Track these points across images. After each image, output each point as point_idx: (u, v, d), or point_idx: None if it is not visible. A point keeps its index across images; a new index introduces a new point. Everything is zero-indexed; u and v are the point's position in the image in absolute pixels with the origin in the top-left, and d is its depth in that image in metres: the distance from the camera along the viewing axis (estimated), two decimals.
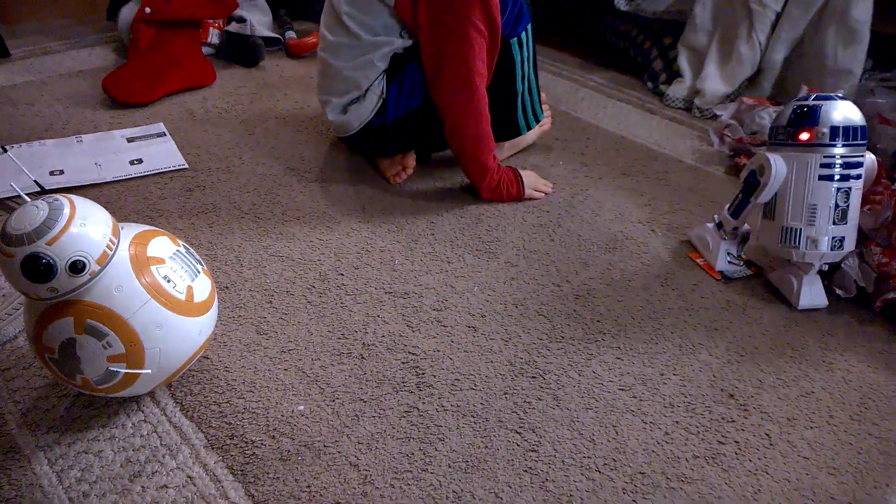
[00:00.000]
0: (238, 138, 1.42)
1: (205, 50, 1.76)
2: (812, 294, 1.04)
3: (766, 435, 0.84)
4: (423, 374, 0.89)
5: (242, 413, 0.81)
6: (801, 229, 0.99)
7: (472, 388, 0.88)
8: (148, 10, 1.64)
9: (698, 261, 1.15)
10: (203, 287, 0.80)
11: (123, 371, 0.72)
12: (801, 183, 0.98)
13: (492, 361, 0.92)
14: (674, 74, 1.76)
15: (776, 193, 1.01)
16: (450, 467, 0.77)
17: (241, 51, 1.76)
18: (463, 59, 1.11)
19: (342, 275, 1.06)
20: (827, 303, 1.04)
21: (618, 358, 0.94)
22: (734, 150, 1.47)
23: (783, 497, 0.77)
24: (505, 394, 0.87)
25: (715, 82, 1.65)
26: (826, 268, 1.05)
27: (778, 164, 0.99)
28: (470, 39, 1.09)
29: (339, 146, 1.42)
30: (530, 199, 1.28)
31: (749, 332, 1.01)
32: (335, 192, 1.26)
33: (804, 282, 1.03)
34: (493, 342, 0.95)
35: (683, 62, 1.72)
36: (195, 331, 0.78)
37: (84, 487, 0.72)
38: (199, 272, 0.80)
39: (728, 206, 1.09)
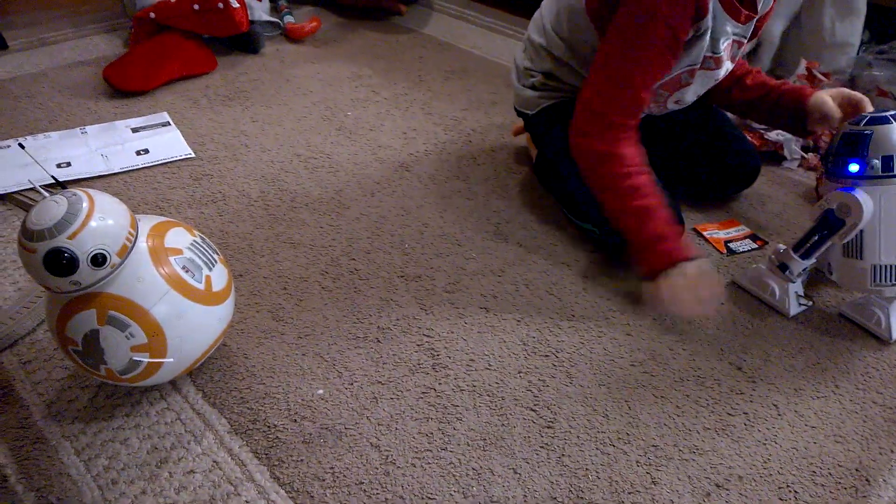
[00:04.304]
0: (242, 125, 1.42)
1: (204, 36, 1.75)
2: None
3: (774, 405, 0.86)
4: (437, 355, 0.91)
5: (263, 398, 0.83)
6: (893, 266, 0.92)
7: (487, 368, 0.89)
8: (152, 15, 1.64)
9: (705, 233, 1.16)
10: (221, 276, 0.81)
11: (146, 360, 0.73)
12: (891, 217, 0.90)
13: (505, 341, 0.94)
14: None
15: (862, 231, 0.92)
16: (468, 445, 0.79)
17: (242, 37, 1.75)
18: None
19: (354, 259, 1.07)
20: None
21: (627, 335, 0.96)
22: (736, 125, 1.47)
23: (792, 465, 0.79)
24: (519, 372, 0.89)
25: None
26: None
27: (867, 203, 0.89)
28: None
29: (344, 131, 1.42)
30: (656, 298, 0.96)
31: (755, 305, 1.02)
32: (343, 178, 1.27)
33: (892, 312, 0.97)
34: (505, 322, 0.97)
35: None
36: (214, 319, 0.79)
37: (112, 475, 0.74)
38: (216, 261, 0.81)
39: (794, 246, 0.98)
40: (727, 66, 1.06)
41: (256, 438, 0.78)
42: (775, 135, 1.36)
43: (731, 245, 1.13)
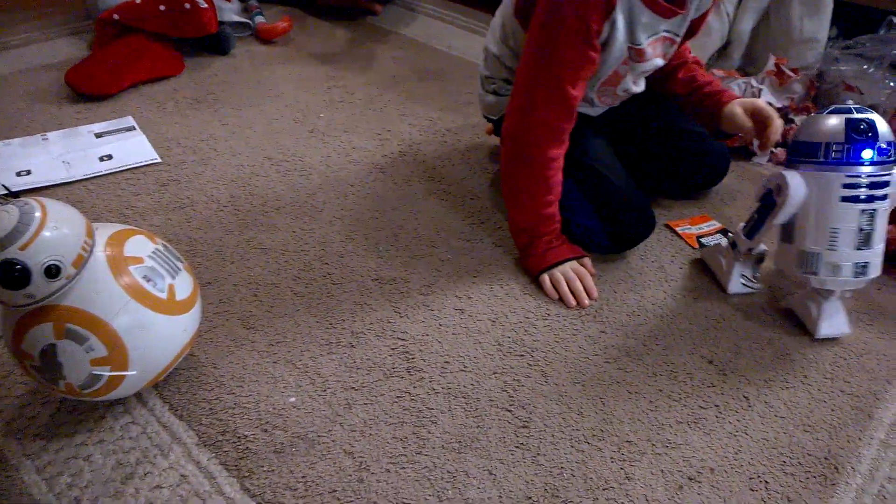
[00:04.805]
0: (211, 129, 1.40)
1: (172, 38, 1.72)
2: (833, 323, 0.96)
3: (745, 397, 0.87)
4: (412, 358, 0.90)
5: (233, 408, 0.82)
6: (820, 254, 0.90)
7: (462, 370, 0.89)
8: (117, 16, 1.60)
9: (678, 229, 1.17)
10: (185, 284, 0.79)
11: (107, 374, 0.71)
12: (823, 204, 0.89)
13: (480, 342, 0.93)
14: None
15: (795, 215, 0.92)
16: (443, 448, 0.78)
17: (210, 38, 1.72)
18: None
19: (327, 264, 1.05)
20: (850, 331, 0.97)
21: (601, 331, 0.96)
22: None
23: (762, 455, 0.80)
24: (494, 373, 0.89)
25: None
26: (849, 295, 0.96)
27: (795, 183, 0.90)
28: None
29: (317, 135, 1.40)
30: (543, 288, 1.02)
31: (725, 299, 1.03)
32: (315, 181, 1.25)
33: (824, 309, 0.95)
34: (480, 323, 0.96)
35: None
36: (179, 329, 0.78)
37: (75, 493, 0.72)
38: (179, 269, 0.79)
39: (743, 224, 1.00)
40: (658, 62, 1.07)
41: (226, 450, 0.77)
42: None
43: (702, 240, 1.14)
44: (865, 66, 1.45)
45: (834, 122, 0.88)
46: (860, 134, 0.86)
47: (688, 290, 1.04)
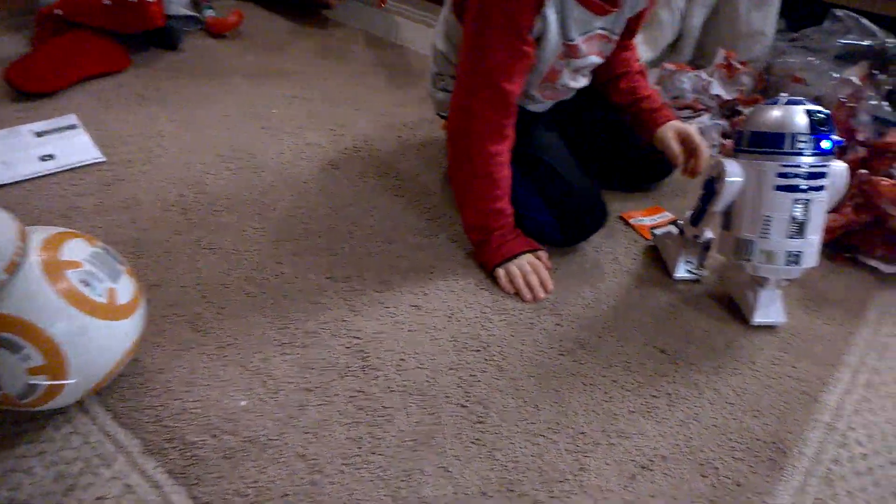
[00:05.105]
0: (158, 126, 1.36)
1: (117, 33, 1.66)
2: (769, 311, 0.98)
3: (695, 385, 0.89)
4: (367, 356, 0.89)
5: (180, 414, 0.79)
6: (754, 241, 0.92)
7: (418, 367, 0.88)
8: (58, 11, 1.53)
9: (631, 221, 1.18)
10: (126, 288, 0.77)
11: (45, 383, 0.69)
12: (757, 192, 0.91)
13: (436, 338, 0.93)
14: None
15: (733, 202, 0.94)
16: (399, 447, 0.78)
17: (158, 33, 1.67)
18: None
19: (280, 263, 1.03)
20: (785, 320, 0.99)
21: (557, 325, 0.96)
22: None
23: (713, 442, 0.81)
24: (450, 369, 0.88)
25: (639, 48, 1.67)
26: (785, 284, 0.98)
27: (732, 170, 0.92)
28: None
29: (269, 131, 1.37)
30: (499, 283, 1.02)
31: (678, 289, 1.05)
32: (268, 178, 1.22)
33: (760, 297, 0.97)
34: (436, 319, 0.96)
35: None
36: (121, 334, 0.75)
37: None
38: (120, 272, 0.77)
39: (690, 212, 1.02)
40: (594, 59, 1.08)
41: (172, 457, 0.75)
42: (696, 122, 1.39)
43: (655, 231, 1.15)
44: (811, 58, 1.49)
45: (798, 113, 0.88)
46: (822, 125, 0.87)
47: (642, 281, 1.06)
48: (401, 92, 1.57)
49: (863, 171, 1.15)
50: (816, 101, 1.38)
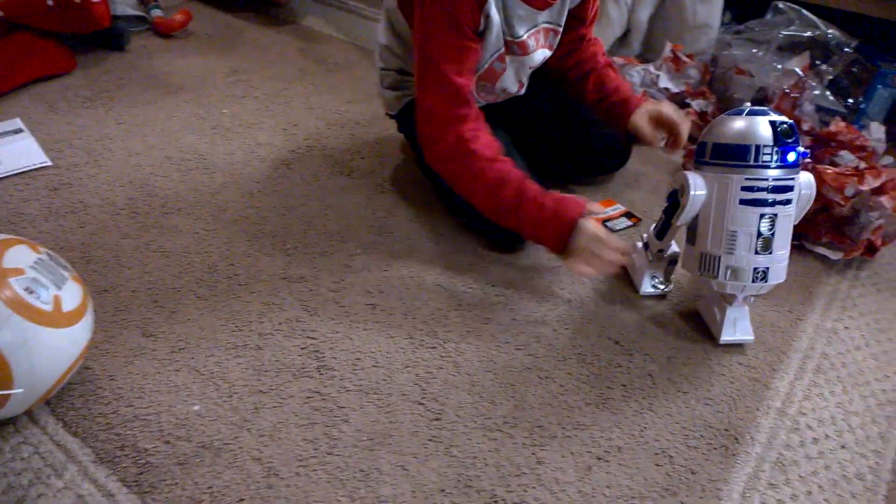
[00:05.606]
0: (106, 129, 1.32)
1: (63, 34, 1.61)
2: (737, 328, 0.95)
3: (649, 375, 0.90)
4: (323, 357, 0.88)
5: (132, 421, 0.78)
6: (720, 257, 0.88)
7: (374, 366, 0.88)
8: (1, 13, 1.48)
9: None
10: (73, 294, 0.75)
11: None
12: (721, 206, 0.87)
13: (392, 336, 0.93)
14: None
15: (697, 216, 0.90)
16: (355, 447, 0.78)
17: (104, 33, 1.62)
18: None
19: (233, 265, 1.02)
20: (753, 337, 0.96)
21: (512, 319, 0.97)
22: None
23: (667, 431, 0.83)
24: (406, 367, 0.88)
25: None
26: (752, 300, 0.95)
27: (696, 183, 0.88)
28: None
29: (220, 132, 1.35)
30: (576, 270, 0.96)
31: (630, 279, 1.06)
32: (219, 179, 1.21)
33: (728, 314, 0.94)
34: (392, 317, 0.96)
35: None
36: (68, 342, 0.73)
37: None
38: (66, 279, 0.75)
39: (654, 225, 0.99)
40: (543, 53, 1.09)
41: (125, 465, 0.73)
42: None
43: (608, 224, 1.17)
44: (755, 50, 1.53)
45: (762, 124, 0.85)
46: (787, 136, 0.84)
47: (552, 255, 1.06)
48: (353, 88, 1.56)
49: (808, 160, 1.18)
50: (760, 91, 1.43)
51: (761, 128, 0.84)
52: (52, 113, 1.36)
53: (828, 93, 1.47)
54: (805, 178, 0.88)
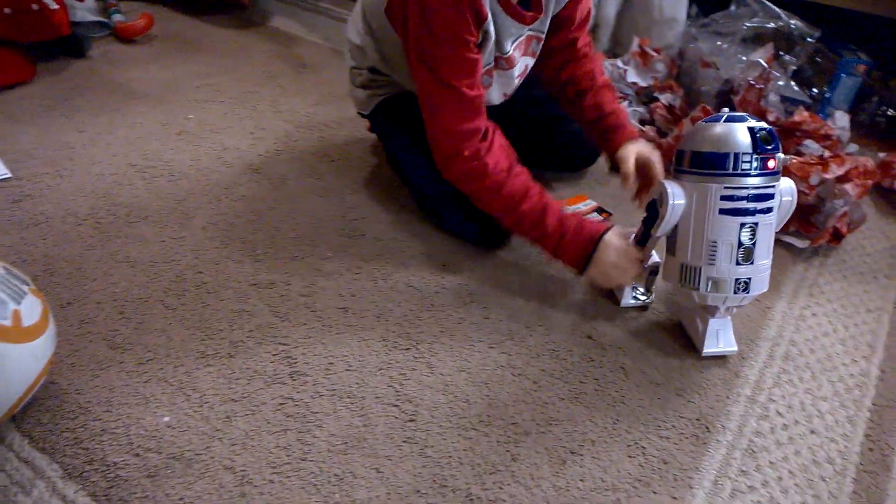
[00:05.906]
0: (67, 138, 1.30)
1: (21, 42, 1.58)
2: (720, 339, 0.93)
3: (622, 368, 0.91)
4: (295, 362, 0.88)
5: (100, 435, 0.76)
6: (700, 268, 0.86)
7: (347, 370, 0.87)
8: None
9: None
10: (33, 309, 0.73)
11: None
12: (701, 216, 0.85)
13: (365, 339, 0.92)
14: None
15: (678, 226, 0.88)
16: (329, 452, 0.77)
17: (64, 40, 1.59)
18: None
19: (201, 272, 1.01)
20: (737, 349, 0.94)
21: (485, 318, 0.97)
22: None
23: (639, 423, 0.84)
24: (380, 369, 0.88)
25: None
26: (734, 311, 0.93)
27: (675, 192, 0.86)
28: None
29: (185, 138, 1.33)
30: (595, 285, 0.98)
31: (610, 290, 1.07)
32: (185, 186, 1.19)
33: (710, 325, 0.92)
34: (364, 320, 0.95)
35: None
36: (29, 357, 0.72)
37: None
38: (25, 293, 0.73)
39: (633, 235, 0.96)
40: (526, 61, 1.09)
41: (94, 480, 0.72)
42: None
43: None
44: (720, 43, 1.54)
45: (740, 131, 0.82)
46: (767, 143, 0.82)
47: (567, 269, 1.07)
48: (321, 91, 1.55)
49: None
50: (726, 83, 1.45)
51: (740, 135, 0.82)
52: (10, 123, 1.33)
53: (792, 83, 1.49)
54: (786, 185, 0.86)
